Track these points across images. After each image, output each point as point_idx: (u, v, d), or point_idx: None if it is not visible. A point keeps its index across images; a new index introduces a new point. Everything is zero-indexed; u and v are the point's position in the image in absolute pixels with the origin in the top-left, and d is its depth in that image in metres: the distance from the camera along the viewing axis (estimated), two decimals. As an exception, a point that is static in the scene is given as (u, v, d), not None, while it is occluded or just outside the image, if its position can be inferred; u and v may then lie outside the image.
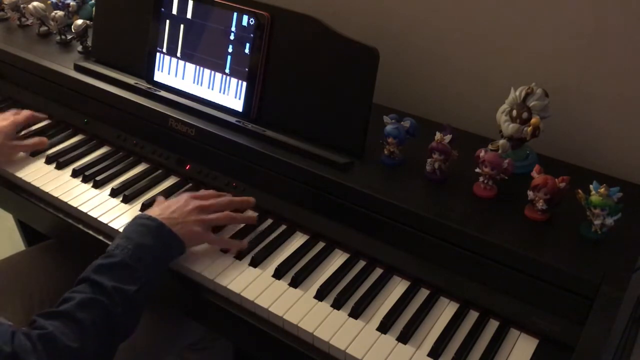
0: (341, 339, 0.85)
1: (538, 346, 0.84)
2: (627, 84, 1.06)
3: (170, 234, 0.93)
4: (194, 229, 0.95)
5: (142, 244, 0.89)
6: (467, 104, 1.23)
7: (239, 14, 1.11)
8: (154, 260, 0.90)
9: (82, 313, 0.81)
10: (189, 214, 0.97)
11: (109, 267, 0.86)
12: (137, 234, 0.91)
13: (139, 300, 0.86)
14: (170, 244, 0.93)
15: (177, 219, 0.95)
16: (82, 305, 0.81)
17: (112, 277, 0.85)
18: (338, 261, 0.98)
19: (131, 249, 0.88)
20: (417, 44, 1.27)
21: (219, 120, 1.14)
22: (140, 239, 0.90)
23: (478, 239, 0.89)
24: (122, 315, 0.84)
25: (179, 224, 0.94)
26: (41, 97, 1.35)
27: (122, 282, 0.85)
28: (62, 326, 0.79)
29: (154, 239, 0.91)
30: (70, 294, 0.83)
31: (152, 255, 0.90)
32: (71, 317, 0.80)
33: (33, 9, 1.43)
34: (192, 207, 0.98)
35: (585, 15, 1.06)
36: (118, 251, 0.88)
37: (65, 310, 0.81)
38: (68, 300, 0.82)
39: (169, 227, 0.93)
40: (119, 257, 0.87)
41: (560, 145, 1.12)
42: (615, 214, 0.87)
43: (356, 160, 1.04)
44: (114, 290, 0.83)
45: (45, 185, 1.14)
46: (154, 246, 0.90)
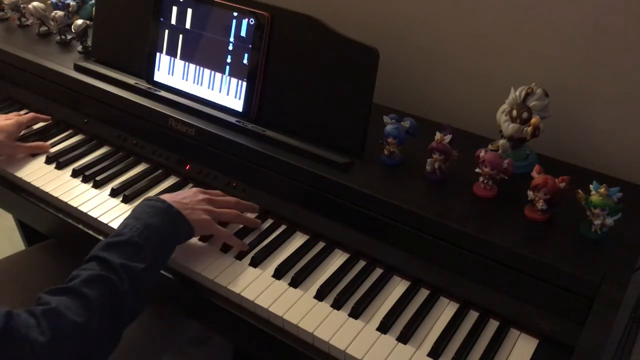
0: (341, 339, 0.85)
1: (538, 346, 0.84)
2: (627, 84, 1.06)
3: (179, 216, 0.93)
4: (202, 216, 0.96)
5: (150, 224, 0.90)
6: (467, 104, 1.24)
7: (239, 14, 1.11)
8: (162, 240, 0.91)
9: (89, 289, 0.80)
10: (198, 202, 0.98)
11: (117, 245, 0.86)
12: (146, 214, 0.91)
13: (145, 279, 0.87)
14: (179, 226, 0.93)
15: (187, 204, 0.96)
16: (89, 281, 0.81)
17: (120, 254, 0.85)
18: (338, 261, 0.98)
19: (140, 228, 0.88)
20: (417, 44, 1.27)
21: (219, 120, 1.14)
22: (149, 219, 0.90)
23: (478, 239, 0.89)
24: (128, 293, 0.83)
25: (189, 209, 0.95)
26: (41, 97, 1.35)
27: (130, 260, 0.85)
28: (68, 301, 0.79)
29: (163, 220, 0.91)
30: (78, 271, 0.83)
31: (160, 235, 0.90)
32: (77, 292, 0.80)
33: (33, 9, 1.43)
34: (202, 198, 0.99)
35: (585, 15, 1.06)
36: (127, 230, 0.88)
37: (71, 286, 0.81)
38: (75, 277, 0.82)
39: (177, 209, 0.93)
40: (128, 235, 0.87)
41: (560, 145, 1.12)
42: (615, 214, 0.87)
43: (356, 160, 1.04)
44: (121, 267, 0.83)
45: (45, 185, 1.14)
46: (163, 227, 0.91)
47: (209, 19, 1.15)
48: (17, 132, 1.23)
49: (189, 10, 1.17)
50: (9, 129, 1.20)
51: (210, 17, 1.15)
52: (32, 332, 0.74)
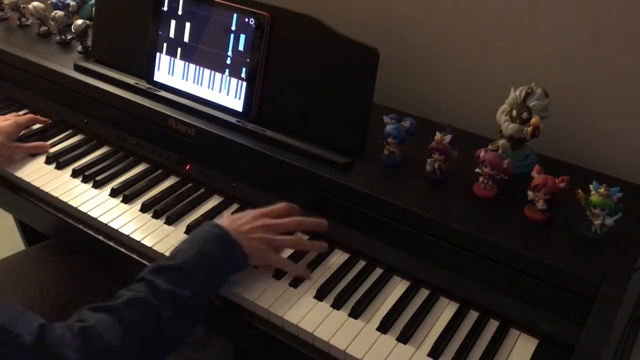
0: (341, 339, 0.85)
1: (538, 346, 0.84)
2: (627, 83, 1.06)
3: (235, 245, 0.90)
4: (259, 246, 0.92)
5: (204, 251, 0.87)
6: (467, 104, 1.24)
7: (239, 14, 1.11)
8: (215, 269, 0.88)
9: (129, 311, 0.78)
10: (256, 230, 0.93)
11: (167, 270, 0.84)
12: (201, 239, 0.89)
13: (192, 307, 0.84)
14: (233, 255, 0.90)
15: (244, 233, 0.92)
16: (131, 303, 0.79)
17: (168, 279, 0.82)
18: (338, 261, 0.98)
19: (192, 254, 0.86)
20: (417, 44, 1.27)
21: (219, 120, 1.14)
22: (203, 246, 0.87)
23: (478, 239, 0.89)
24: (171, 320, 0.81)
25: (246, 238, 0.91)
26: (41, 97, 1.35)
27: (178, 286, 0.82)
28: (107, 321, 0.77)
29: (218, 247, 0.88)
30: (123, 291, 0.81)
31: (213, 263, 0.87)
32: (117, 313, 0.78)
33: (33, 9, 1.43)
34: (261, 224, 0.95)
35: (585, 15, 1.06)
36: (180, 255, 0.86)
37: (113, 305, 0.79)
38: (120, 297, 0.80)
39: (234, 238, 0.90)
40: (180, 261, 0.85)
41: (560, 145, 1.12)
42: (615, 214, 0.87)
43: (356, 160, 1.04)
44: (167, 293, 0.81)
45: (45, 185, 1.14)
46: (217, 254, 0.88)
47: (209, 19, 1.15)
48: (15, 133, 1.23)
49: (189, 11, 1.17)
50: (7, 130, 1.20)
51: (210, 17, 1.15)
52: (66, 349, 0.72)
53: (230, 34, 1.13)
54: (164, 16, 1.20)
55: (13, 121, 1.23)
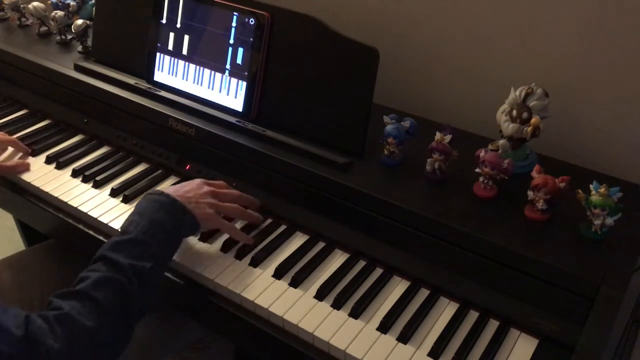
0: (341, 339, 0.85)
1: (538, 346, 0.84)
2: (627, 84, 1.06)
3: (185, 210, 0.92)
4: (207, 210, 0.95)
5: (155, 220, 0.89)
6: (467, 104, 1.23)
7: (239, 14, 1.11)
8: (168, 236, 0.90)
9: (98, 292, 0.80)
10: (203, 195, 0.97)
11: (124, 244, 0.86)
12: (150, 209, 0.90)
13: (153, 276, 0.86)
14: (184, 220, 0.92)
15: (191, 197, 0.95)
16: (98, 283, 0.81)
17: (127, 254, 0.84)
18: (338, 261, 0.98)
19: (145, 224, 0.88)
20: (417, 44, 1.27)
21: (219, 120, 1.14)
22: (153, 215, 0.89)
23: (478, 238, 0.89)
24: (138, 293, 0.83)
25: (193, 203, 0.94)
26: (41, 97, 1.35)
27: (137, 259, 0.84)
28: (79, 305, 0.79)
29: (168, 214, 0.90)
30: (86, 273, 0.83)
31: (166, 230, 0.89)
32: (87, 296, 0.80)
33: (33, 9, 1.43)
34: (207, 191, 0.98)
35: (585, 15, 1.06)
36: (132, 227, 0.88)
37: (81, 289, 0.81)
38: (84, 280, 0.82)
39: (182, 203, 0.92)
40: (134, 234, 0.87)
41: (560, 145, 1.12)
42: (615, 214, 0.87)
43: (356, 160, 1.04)
44: (129, 267, 0.83)
45: (45, 185, 1.14)
46: (168, 222, 0.90)
47: (209, 18, 1.15)
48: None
49: (189, 10, 1.17)
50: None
51: (210, 17, 1.15)
52: (47, 338, 0.74)
53: (231, 34, 1.13)
54: (163, 16, 1.20)
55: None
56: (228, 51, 1.14)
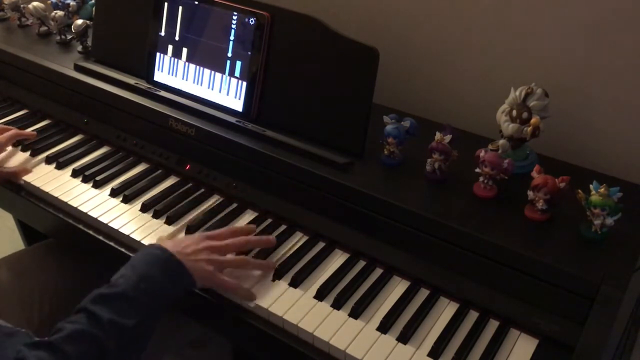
0: (341, 339, 0.85)
1: (538, 346, 0.84)
2: (627, 84, 1.06)
3: (180, 266, 0.87)
4: (205, 267, 0.90)
5: (147, 275, 0.84)
6: (467, 104, 1.24)
7: (239, 14, 1.11)
8: (159, 292, 0.85)
9: (71, 345, 0.75)
10: (201, 251, 0.91)
11: (108, 298, 0.81)
12: (144, 263, 0.86)
13: (137, 335, 0.81)
14: (179, 277, 0.88)
15: (189, 254, 0.90)
16: (72, 337, 0.76)
17: (110, 309, 0.79)
18: (338, 261, 0.98)
19: (135, 280, 0.83)
20: (417, 44, 1.27)
21: (219, 120, 1.14)
22: (146, 270, 0.85)
23: (478, 239, 0.89)
24: (115, 351, 0.78)
25: (191, 260, 0.89)
26: (41, 97, 1.35)
27: (120, 315, 0.79)
28: (48, 358, 0.73)
29: (162, 270, 0.86)
30: (63, 324, 0.78)
31: (157, 287, 0.85)
32: (58, 350, 0.75)
33: (33, 9, 1.43)
34: (205, 246, 0.92)
35: (585, 15, 1.06)
36: (122, 281, 0.83)
37: (53, 341, 0.76)
38: (60, 330, 0.77)
39: (178, 259, 0.88)
40: (121, 288, 0.82)
41: (560, 145, 1.12)
42: (615, 214, 0.87)
43: (356, 160, 1.04)
44: (109, 323, 0.78)
45: (45, 185, 1.14)
46: (160, 278, 0.85)
47: (209, 18, 1.15)
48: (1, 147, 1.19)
49: (189, 10, 1.17)
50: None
51: (210, 17, 1.15)
52: None
53: (230, 34, 1.13)
54: (163, 16, 1.20)
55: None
56: (228, 51, 1.14)
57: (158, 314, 0.86)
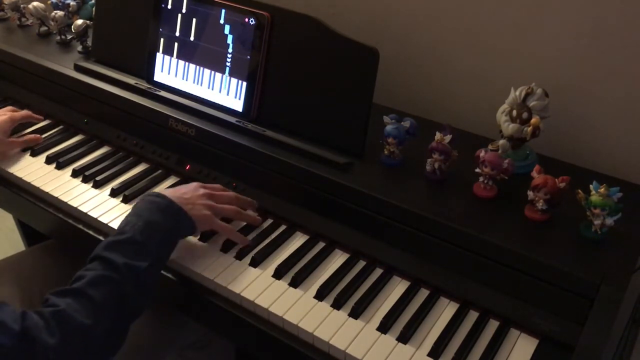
0: (341, 339, 0.85)
1: (538, 346, 0.84)
2: (627, 84, 1.06)
3: (181, 211, 0.93)
4: (204, 212, 0.96)
5: (152, 221, 0.90)
6: (467, 104, 1.24)
7: (239, 14, 1.11)
8: (164, 237, 0.91)
9: (94, 290, 0.81)
10: (199, 197, 0.97)
11: (119, 244, 0.86)
12: (147, 210, 0.91)
13: (149, 276, 0.87)
14: (181, 221, 0.93)
15: (188, 199, 0.96)
16: (94, 282, 0.82)
17: (123, 253, 0.85)
18: (338, 261, 0.98)
19: (141, 225, 0.88)
20: (417, 44, 1.27)
21: (219, 120, 1.14)
22: (150, 216, 0.90)
23: (478, 239, 0.89)
24: (133, 292, 0.84)
25: (190, 205, 0.95)
26: (41, 97, 1.35)
27: (133, 259, 0.85)
28: (75, 303, 0.80)
29: (164, 216, 0.91)
30: (82, 272, 0.84)
31: (162, 232, 0.90)
32: (83, 294, 0.81)
33: (33, 9, 1.43)
34: (203, 193, 0.99)
35: (585, 15, 1.06)
36: (128, 227, 0.88)
37: (77, 287, 0.81)
38: (80, 278, 0.83)
39: (178, 204, 0.93)
40: (130, 234, 0.87)
41: (560, 145, 1.12)
42: (615, 214, 0.87)
43: (356, 160, 1.04)
44: (125, 266, 0.84)
45: (45, 185, 1.14)
46: (164, 223, 0.91)
47: (209, 18, 1.15)
48: (9, 129, 1.23)
49: (189, 10, 1.17)
50: (2, 127, 1.20)
51: (210, 16, 1.15)
52: (43, 334, 0.75)
53: (231, 34, 1.13)
54: (164, 16, 1.20)
55: (8, 117, 1.23)
56: (228, 51, 1.14)
57: (164, 258, 0.92)
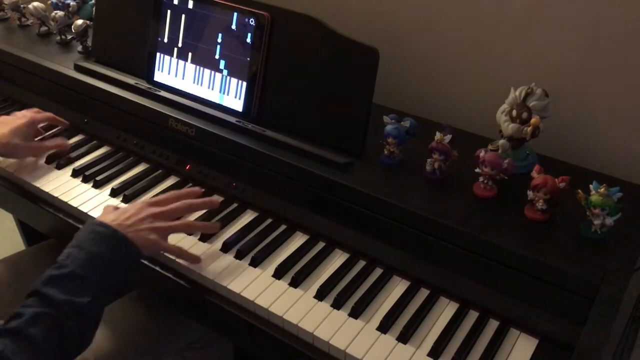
0: (341, 338, 0.85)
1: (538, 346, 0.84)
2: (627, 83, 1.06)
3: (125, 240, 0.88)
4: (148, 237, 0.91)
5: (94, 253, 0.85)
6: (467, 104, 1.24)
7: (239, 14, 1.11)
8: (108, 268, 0.86)
9: (33, 328, 0.76)
10: (142, 220, 0.92)
11: (60, 279, 0.81)
12: (89, 241, 0.86)
13: (92, 311, 0.82)
14: (125, 250, 0.88)
15: (130, 225, 0.91)
16: (32, 320, 0.77)
17: (64, 289, 0.80)
18: (338, 261, 0.98)
19: (83, 258, 0.83)
20: (417, 44, 1.27)
21: (219, 120, 1.14)
22: (92, 247, 0.85)
23: (478, 239, 0.89)
24: (74, 329, 0.79)
25: (133, 231, 0.90)
26: (41, 97, 1.35)
27: (74, 295, 0.80)
28: (13, 344, 0.75)
29: (108, 246, 0.87)
30: (20, 309, 0.78)
31: (106, 263, 0.85)
32: (22, 334, 0.76)
33: (33, 9, 1.43)
34: (147, 215, 0.93)
35: (585, 15, 1.06)
36: (69, 261, 0.83)
37: (15, 327, 0.76)
38: (18, 316, 0.77)
39: (123, 233, 0.88)
40: (71, 268, 0.82)
41: (560, 145, 1.12)
42: (615, 214, 0.87)
43: (356, 160, 1.04)
44: (65, 303, 0.79)
45: (45, 185, 1.14)
46: (107, 254, 0.86)
47: (209, 18, 1.15)
48: (32, 132, 1.18)
49: (189, 11, 1.17)
50: (23, 130, 1.15)
51: (210, 17, 1.15)
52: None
53: (231, 34, 1.13)
54: (164, 16, 1.20)
55: (29, 119, 1.17)
56: (228, 51, 1.14)
57: (109, 290, 0.87)
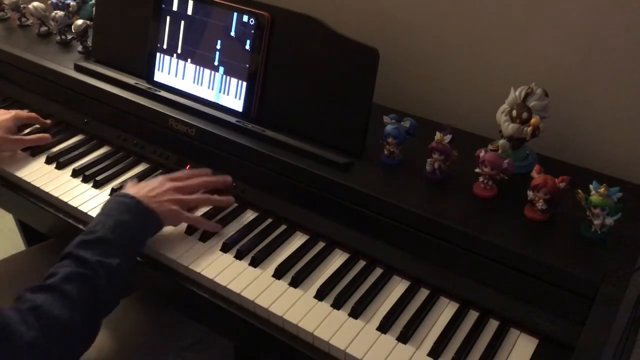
0: (341, 338, 0.85)
1: (538, 346, 0.84)
2: (627, 84, 1.06)
3: (148, 210, 0.96)
4: (170, 207, 0.98)
5: (121, 220, 0.93)
6: (467, 104, 1.24)
7: (239, 14, 1.11)
8: (134, 235, 0.94)
9: (69, 285, 0.83)
10: (165, 193, 1.00)
11: (91, 242, 0.89)
12: (116, 211, 0.94)
13: (121, 272, 0.89)
14: (148, 220, 0.96)
15: (154, 197, 0.98)
16: (68, 278, 0.84)
17: (95, 251, 0.88)
18: (338, 261, 0.98)
19: (111, 225, 0.91)
20: (417, 44, 1.27)
21: (219, 120, 1.14)
22: (119, 216, 0.93)
23: (478, 239, 0.89)
24: (106, 288, 0.87)
25: (156, 202, 0.97)
26: (41, 97, 1.35)
27: (104, 256, 0.88)
28: (51, 298, 0.82)
29: (132, 215, 0.94)
30: (55, 269, 0.86)
31: (131, 230, 0.93)
32: (59, 290, 0.83)
33: (33, 9, 1.43)
34: (168, 187, 1.01)
35: (585, 15, 1.06)
36: (99, 227, 0.91)
37: (52, 283, 0.84)
38: (54, 275, 0.85)
39: (146, 204, 0.96)
40: (100, 233, 0.90)
41: (560, 145, 1.12)
42: (615, 214, 0.87)
43: (356, 160, 1.04)
44: (97, 263, 0.86)
45: (45, 185, 1.14)
46: (133, 222, 0.94)
47: (209, 19, 1.15)
48: (15, 127, 1.23)
49: (189, 11, 1.17)
50: (6, 124, 1.21)
51: (210, 17, 1.15)
52: (20, 328, 0.77)
53: (231, 34, 1.13)
54: (164, 16, 1.20)
55: (13, 114, 1.23)
56: (228, 51, 1.14)
57: (135, 255, 0.97)
